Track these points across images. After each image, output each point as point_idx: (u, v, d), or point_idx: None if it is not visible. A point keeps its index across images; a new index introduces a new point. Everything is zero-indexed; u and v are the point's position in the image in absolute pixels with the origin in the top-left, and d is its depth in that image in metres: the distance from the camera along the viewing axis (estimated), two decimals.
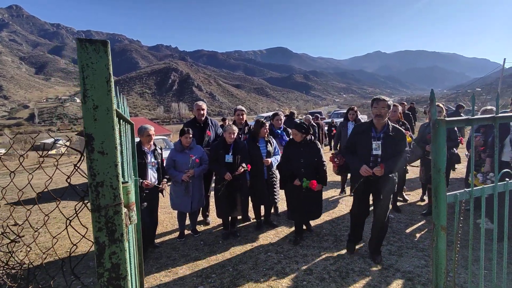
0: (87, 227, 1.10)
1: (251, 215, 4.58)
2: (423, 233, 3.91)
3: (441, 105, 4.50)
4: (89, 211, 0.88)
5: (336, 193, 5.90)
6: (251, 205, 4.29)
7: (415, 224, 4.20)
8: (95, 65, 0.84)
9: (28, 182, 1.64)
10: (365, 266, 3.14)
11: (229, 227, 4.10)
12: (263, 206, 4.33)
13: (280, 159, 4.14)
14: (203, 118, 4.45)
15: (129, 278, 0.92)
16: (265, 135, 4.21)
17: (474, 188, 1.56)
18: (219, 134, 4.56)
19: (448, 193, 1.46)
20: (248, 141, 4.20)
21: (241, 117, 4.72)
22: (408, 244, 3.59)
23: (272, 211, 4.65)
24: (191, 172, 3.87)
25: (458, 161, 4.62)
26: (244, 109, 4.89)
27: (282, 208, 4.91)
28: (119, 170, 0.89)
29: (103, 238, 0.87)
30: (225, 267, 3.28)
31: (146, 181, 3.49)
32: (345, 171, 3.99)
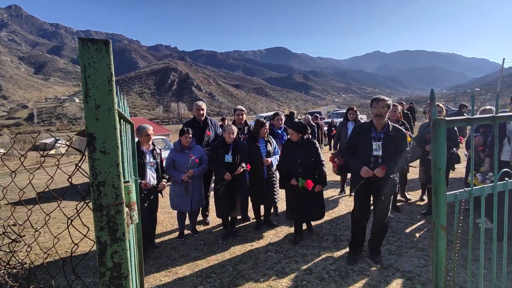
0: (88, 227, 1.10)
1: (251, 215, 4.59)
2: (422, 232, 3.91)
3: (441, 105, 4.50)
4: (91, 210, 0.88)
5: (336, 193, 5.91)
6: (250, 205, 4.29)
7: (414, 223, 4.21)
8: (97, 65, 0.84)
9: (29, 182, 1.64)
10: (364, 265, 3.14)
11: (229, 227, 4.10)
12: (262, 206, 4.33)
13: (279, 158, 4.15)
14: (203, 118, 4.45)
15: (130, 277, 0.92)
16: (265, 135, 4.21)
17: (473, 187, 1.57)
18: (219, 134, 4.56)
19: (448, 193, 1.46)
20: (248, 141, 4.20)
21: (241, 117, 4.72)
22: (407, 243, 3.60)
23: (271, 211, 4.65)
24: (191, 172, 3.87)
25: (458, 161, 4.63)
26: (243, 109, 4.89)
27: (281, 208, 4.91)
28: (120, 169, 0.89)
29: (105, 237, 0.87)
30: (224, 267, 3.28)
31: (144, 181, 3.47)
32: (345, 171, 3.98)
